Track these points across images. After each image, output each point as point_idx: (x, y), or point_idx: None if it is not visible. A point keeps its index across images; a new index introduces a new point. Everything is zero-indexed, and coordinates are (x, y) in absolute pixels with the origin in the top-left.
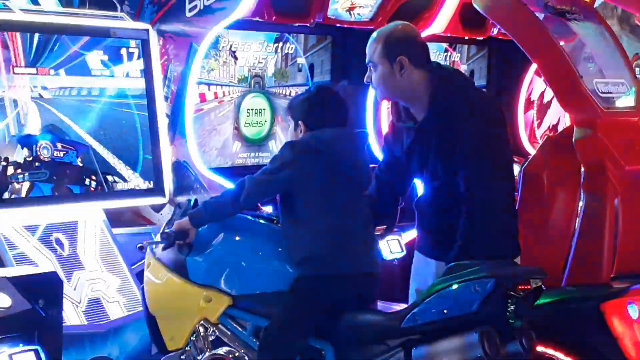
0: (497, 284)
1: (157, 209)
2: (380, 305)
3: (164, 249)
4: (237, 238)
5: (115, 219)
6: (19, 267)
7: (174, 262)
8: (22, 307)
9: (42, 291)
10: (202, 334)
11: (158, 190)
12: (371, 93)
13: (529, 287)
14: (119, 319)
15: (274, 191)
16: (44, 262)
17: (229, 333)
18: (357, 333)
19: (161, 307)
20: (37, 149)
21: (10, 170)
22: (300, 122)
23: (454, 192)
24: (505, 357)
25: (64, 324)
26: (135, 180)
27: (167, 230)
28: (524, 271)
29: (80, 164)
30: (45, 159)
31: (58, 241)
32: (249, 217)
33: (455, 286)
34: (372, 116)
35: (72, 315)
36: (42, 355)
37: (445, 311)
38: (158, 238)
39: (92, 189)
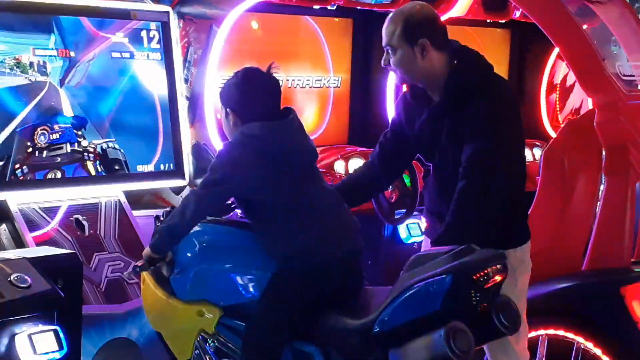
0: (454, 278)
1: (177, 191)
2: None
3: (147, 268)
4: (215, 249)
5: (135, 201)
6: (38, 247)
7: (161, 279)
8: (42, 287)
9: (62, 272)
10: (202, 346)
11: (178, 172)
12: (391, 76)
13: (489, 271)
14: (138, 301)
15: (221, 202)
16: (64, 244)
17: (228, 343)
18: (336, 338)
19: (160, 325)
20: (35, 137)
21: (9, 168)
22: (229, 110)
23: None
24: (486, 341)
25: (83, 305)
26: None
27: (137, 263)
28: (481, 259)
29: (80, 140)
30: (43, 146)
31: (78, 222)
32: (222, 225)
33: (414, 288)
34: (394, 99)
35: (92, 296)
36: (62, 336)
37: (410, 314)
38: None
39: (92, 161)
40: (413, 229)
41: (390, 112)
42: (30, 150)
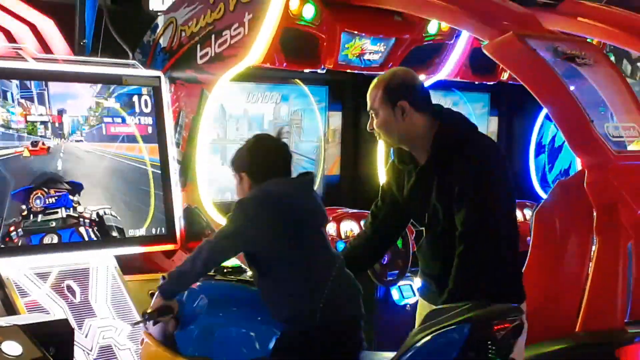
0: (473, 328)
1: (169, 255)
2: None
3: (153, 324)
4: (222, 306)
5: (126, 265)
6: (30, 314)
7: (164, 336)
8: (33, 355)
9: (53, 339)
10: None
11: (169, 236)
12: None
13: (508, 325)
14: None
15: (233, 254)
16: (56, 310)
17: None
18: None
19: None
20: (31, 201)
21: (4, 230)
22: (243, 174)
23: (454, 237)
24: None
25: None
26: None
27: (148, 311)
28: (500, 311)
29: (75, 205)
30: (38, 210)
31: (69, 288)
32: (230, 282)
33: (432, 336)
34: (385, 161)
35: None
36: None
37: None
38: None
39: (86, 227)
40: (405, 291)
41: (381, 174)
42: (25, 213)
